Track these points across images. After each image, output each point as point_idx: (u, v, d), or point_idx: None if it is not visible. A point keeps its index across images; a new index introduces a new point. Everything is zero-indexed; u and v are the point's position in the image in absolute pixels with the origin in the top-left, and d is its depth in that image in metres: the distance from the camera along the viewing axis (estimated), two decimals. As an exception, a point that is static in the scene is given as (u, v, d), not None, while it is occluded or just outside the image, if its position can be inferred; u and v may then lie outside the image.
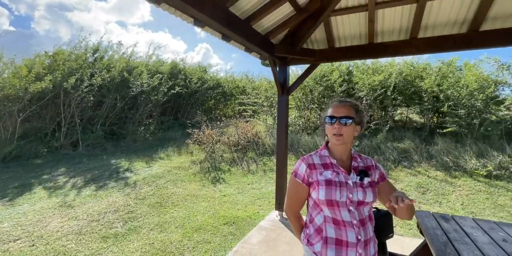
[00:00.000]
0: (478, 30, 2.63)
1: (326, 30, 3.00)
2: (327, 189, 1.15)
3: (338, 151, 1.25)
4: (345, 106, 1.22)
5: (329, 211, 1.16)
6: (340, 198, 1.13)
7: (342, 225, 1.14)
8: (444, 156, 5.69)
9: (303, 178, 1.23)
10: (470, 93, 6.43)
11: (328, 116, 1.22)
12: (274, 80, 3.29)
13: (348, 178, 1.18)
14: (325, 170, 1.21)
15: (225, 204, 4.46)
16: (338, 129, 1.18)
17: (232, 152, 7.24)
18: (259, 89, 9.15)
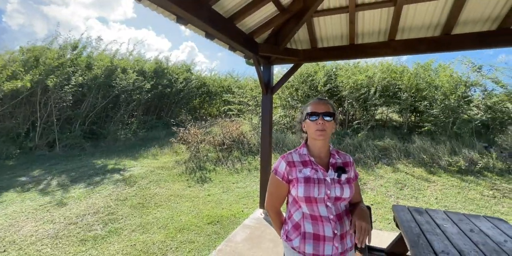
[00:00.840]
0: (450, 33, 2.78)
1: (309, 30, 3.06)
2: (306, 186, 1.18)
3: (317, 148, 1.29)
4: (325, 104, 1.27)
5: (307, 207, 1.20)
6: (318, 195, 1.17)
7: (320, 220, 1.18)
8: (421, 153, 5.97)
9: (283, 175, 1.26)
10: (444, 93, 6.79)
11: (311, 112, 1.25)
12: (258, 78, 3.31)
13: (326, 175, 1.22)
14: (304, 167, 1.24)
15: (210, 203, 4.43)
16: (322, 124, 1.22)
17: (217, 152, 7.20)
18: (245, 88, 9.15)
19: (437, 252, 1.35)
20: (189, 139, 6.99)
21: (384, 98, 7.35)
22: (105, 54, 8.99)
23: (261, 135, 3.68)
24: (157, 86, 9.53)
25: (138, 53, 10.79)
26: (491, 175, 5.20)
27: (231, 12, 2.40)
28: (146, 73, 9.70)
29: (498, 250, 1.36)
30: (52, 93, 7.37)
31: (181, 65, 11.61)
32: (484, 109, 6.67)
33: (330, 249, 1.16)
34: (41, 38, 9.95)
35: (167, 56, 11.14)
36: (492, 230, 1.63)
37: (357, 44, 3.12)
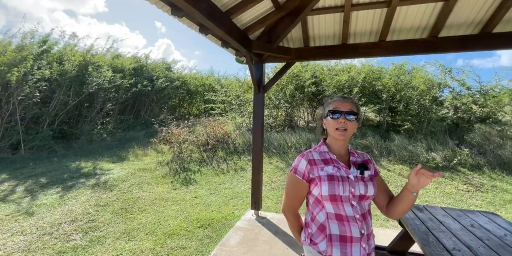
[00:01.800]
0: (437, 36, 2.89)
1: (303, 29, 3.03)
2: (330, 184, 1.13)
3: (337, 146, 1.25)
4: (348, 102, 1.22)
5: (332, 206, 1.15)
6: (343, 192, 1.12)
7: (346, 220, 1.13)
8: (402, 151, 6.24)
9: (303, 174, 1.20)
10: (419, 93, 7.16)
11: (333, 110, 1.20)
12: (250, 77, 3.22)
13: (349, 172, 1.18)
14: (326, 165, 1.19)
15: (198, 206, 4.28)
16: (343, 123, 1.17)
17: (201, 152, 7.00)
18: (229, 87, 8.99)
19: (449, 250, 1.38)
20: (171, 139, 6.72)
21: (366, 98, 7.59)
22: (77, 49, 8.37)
23: (252, 135, 3.60)
24: (136, 84, 9.06)
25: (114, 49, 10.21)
26: (464, 170, 5.57)
27: (228, 5, 2.29)
28: (124, 70, 9.19)
29: (502, 245, 1.42)
30: (15, 89, 6.70)
31: (161, 62, 11.16)
32: (454, 109, 7.14)
33: (358, 250, 1.11)
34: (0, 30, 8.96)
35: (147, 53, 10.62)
36: (489, 225, 1.71)
37: (349, 44, 3.15)
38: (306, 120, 9.24)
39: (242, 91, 8.47)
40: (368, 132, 7.68)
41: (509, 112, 7.38)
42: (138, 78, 9.37)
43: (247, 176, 5.76)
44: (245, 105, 8.37)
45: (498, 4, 2.58)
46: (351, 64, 8.83)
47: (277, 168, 6.11)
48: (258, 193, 3.73)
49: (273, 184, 5.37)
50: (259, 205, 3.76)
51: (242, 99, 8.34)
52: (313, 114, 9.29)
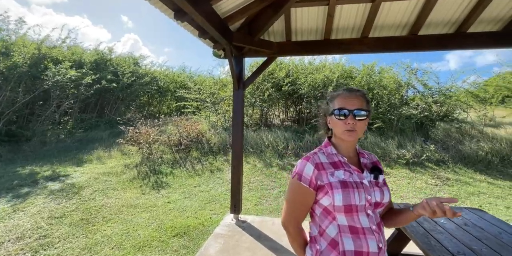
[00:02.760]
0: (417, 34, 2.91)
1: (286, 22, 2.86)
2: (344, 192, 0.96)
3: (344, 147, 1.09)
4: (357, 97, 1.04)
5: (345, 218, 0.98)
6: (360, 201, 0.97)
7: (362, 233, 0.97)
8: (375, 148, 6.42)
9: (310, 181, 1.01)
10: (389, 92, 7.47)
11: (338, 109, 1.03)
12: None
13: (362, 177, 1.02)
14: (336, 169, 1.02)
15: (171, 212, 3.93)
16: (352, 124, 1.00)
17: (174, 153, 6.58)
18: (202, 84, 8.59)
19: (454, 254, 1.31)
20: (140, 140, 6.20)
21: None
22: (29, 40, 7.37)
23: (232, 134, 3.37)
24: (99, 80, 8.25)
25: (73, 42, 9.21)
26: (431, 165, 5.88)
27: (207, -11, 2.03)
28: (85, 64, 8.32)
29: (501, 244, 1.40)
30: None
31: (128, 57, 10.33)
32: (419, 108, 7.57)
33: None
34: None
35: (111, 46, 9.69)
36: (481, 222, 1.71)
37: (332, 40, 3.06)
38: (281, 119, 9.20)
39: (217, 89, 8.15)
40: (342, 130, 7.84)
41: (466, 110, 8.03)
42: (101, 74, 8.55)
43: (224, 177, 5.51)
44: (220, 103, 8.07)
45: (474, 5, 2.64)
46: (324, 63, 8.95)
47: (254, 168, 5.94)
48: (238, 196, 3.51)
49: (251, 185, 5.19)
50: (239, 209, 3.55)
51: (216, 97, 8.02)
52: (287, 112, 9.29)
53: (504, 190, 4.94)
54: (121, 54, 10.46)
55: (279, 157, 6.49)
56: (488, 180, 5.35)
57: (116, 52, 9.93)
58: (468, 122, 7.90)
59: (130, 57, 10.37)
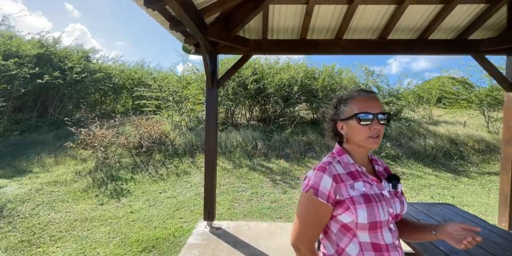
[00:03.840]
0: (386, 38, 3.04)
1: (264, 19, 2.75)
2: (369, 208, 0.86)
3: (360, 154, 0.99)
4: (376, 100, 0.95)
5: (369, 235, 0.89)
6: (384, 216, 0.88)
7: (385, 251, 0.89)
8: (339, 146, 6.72)
9: (328, 196, 0.89)
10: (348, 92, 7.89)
11: (363, 113, 0.92)
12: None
13: (382, 188, 0.94)
14: (355, 181, 0.92)
15: (136, 223, 3.55)
16: (378, 129, 0.91)
17: (134, 156, 6.01)
18: (164, 81, 8.02)
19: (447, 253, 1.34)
20: (93, 143, 5.52)
21: (304, 97, 7.91)
22: None
23: (205, 135, 3.14)
24: (41, 75, 7.11)
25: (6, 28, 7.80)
26: (388, 161, 6.37)
27: (183, -26, 1.80)
28: (22, 56, 7.10)
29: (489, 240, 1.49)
30: None
31: (76, 50, 9.12)
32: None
33: None
34: None
35: (57, 37, 8.36)
36: (457, 218, 1.82)
37: (309, 39, 3.04)
38: (247, 118, 9.11)
39: (181, 87, 7.69)
40: (307, 128, 8.07)
41: (414, 110, 8.93)
42: (44, 68, 7.39)
43: (192, 181, 5.21)
44: (184, 102, 7.64)
45: (435, 14, 2.85)
46: (288, 63, 9.11)
47: (224, 170, 5.74)
48: (211, 202, 3.30)
49: (222, 188, 4.99)
50: (213, 215, 3.35)
51: (180, 95, 7.57)
52: (251, 111, 9.23)
53: (448, 181, 5.57)
54: (69, 47, 9.21)
55: (249, 157, 6.39)
56: (435, 173, 5.99)
57: (61, 42, 8.65)
58: (415, 120, 8.78)
59: (79, 50, 9.18)
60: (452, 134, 7.76)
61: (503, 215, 3.08)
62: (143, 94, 7.99)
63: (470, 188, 5.18)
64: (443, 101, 10.53)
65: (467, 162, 6.52)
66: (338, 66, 8.93)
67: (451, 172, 6.06)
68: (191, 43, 2.74)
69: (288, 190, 4.90)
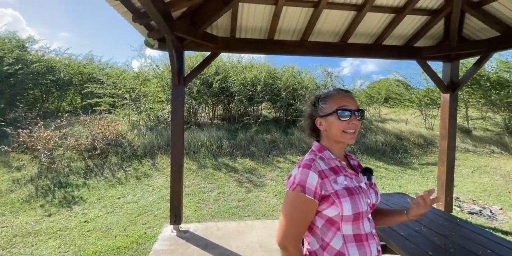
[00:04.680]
0: (346, 42, 3.26)
1: (233, 17, 2.71)
2: (352, 200, 0.92)
3: (338, 150, 1.04)
4: (353, 98, 1.02)
5: (352, 227, 0.94)
6: (364, 207, 0.95)
7: (365, 240, 0.95)
8: (301, 143, 7.01)
9: (314, 192, 0.91)
10: (311, 92, 8.29)
11: (342, 109, 0.97)
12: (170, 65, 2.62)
13: (359, 180, 1.01)
14: (336, 176, 0.97)
15: (92, 233, 3.23)
16: (355, 125, 0.98)
17: (86, 159, 5.45)
18: (119, 78, 7.40)
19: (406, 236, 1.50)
20: (36, 145, 4.85)
21: (268, 96, 8.06)
22: None
23: (171, 135, 3.00)
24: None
25: None
26: (346, 156, 6.85)
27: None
28: None
29: (429, 221, 1.70)
30: None
31: (8, 38, 7.84)
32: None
33: None
34: None
35: None
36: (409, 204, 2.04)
37: (276, 40, 3.10)
38: (210, 117, 8.94)
39: (138, 84, 7.20)
40: (271, 127, 8.25)
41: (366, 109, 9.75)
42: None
43: (154, 184, 4.93)
44: (143, 100, 7.17)
45: (388, 23, 3.15)
46: (251, 63, 9.18)
47: (189, 170, 5.55)
48: (178, 205, 3.18)
49: (187, 189, 4.82)
50: (180, 219, 3.22)
51: (138, 92, 7.08)
52: (214, 111, 9.10)
53: (396, 173, 6.22)
54: (-2, 33, 7.87)
55: (214, 157, 6.28)
56: (385, 166, 6.63)
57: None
58: (367, 118, 9.60)
59: (11, 38, 7.91)
60: (397, 130, 8.67)
61: (441, 200, 3.55)
62: (95, 91, 7.27)
63: (413, 178, 5.85)
64: (390, 101, 11.75)
65: (410, 155, 7.36)
66: (297, 67, 9.31)
67: (398, 164, 6.77)
68: (155, 37, 2.57)
69: (254, 188, 4.96)
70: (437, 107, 9.58)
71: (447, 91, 3.44)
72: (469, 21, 3.11)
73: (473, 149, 7.76)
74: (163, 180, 5.08)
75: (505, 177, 5.80)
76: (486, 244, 1.57)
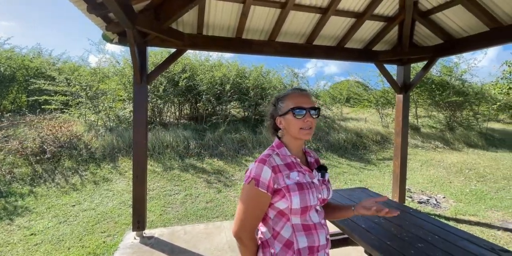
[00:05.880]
0: (311, 43, 3.37)
1: (200, 13, 2.62)
2: (301, 194, 0.99)
3: (296, 147, 1.10)
4: (308, 96, 1.08)
5: (300, 218, 1.02)
6: (313, 201, 1.02)
7: (314, 229, 1.03)
8: (269, 142, 7.08)
9: (267, 186, 0.98)
10: (278, 92, 8.45)
11: (297, 108, 1.03)
12: (132, 61, 2.46)
13: (312, 176, 1.07)
14: (290, 171, 1.03)
15: (40, 247, 2.90)
16: (310, 122, 1.03)
17: (33, 164, 4.88)
18: (73, 74, 6.74)
19: (367, 229, 1.59)
20: (-32, 151, 4.20)
21: (236, 95, 8.03)
22: None
23: (133, 136, 2.81)
24: None
25: None
26: (312, 154, 7.11)
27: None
28: None
29: None
30: None
31: None
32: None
33: None
34: None
35: None
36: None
37: (244, 39, 3.09)
38: (177, 116, 8.63)
39: (96, 81, 6.64)
40: (239, 126, 8.23)
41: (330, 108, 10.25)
42: None
43: (115, 189, 4.60)
44: (101, 98, 6.64)
45: (349, 28, 3.33)
46: (220, 61, 9.06)
47: (153, 173, 5.29)
48: (142, 210, 3.00)
49: (152, 192, 4.59)
50: (143, 224, 3.05)
51: (95, 90, 6.54)
52: (181, 110, 8.81)
53: (357, 168, 6.63)
54: None
55: (180, 158, 6.07)
56: (347, 162, 7.03)
57: None
58: (330, 117, 10.10)
59: None
60: (358, 128, 9.26)
61: (395, 192, 3.88)
62: (43, 87, 6.53)
63: (371, 173, 6.30)
64: (351, 101, 12.51)
65: (368, 151, 7.91)
66: (265, 67, 9.43)
67: (358, 160, 7.23)
68: (114, 31, 2.38)
69: (224, 188, 4.90)
70: (392, 107, 10.44)
71: (400, 92, 3.75)
72: (419, 28, 3.43)
73: (422, 145, 8.62)
74: (124, 184, 4.76)
75: (447, 169, 6.54)
76: (434, 230, 1.74)
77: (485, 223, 3.72)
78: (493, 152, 8.39)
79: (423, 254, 1.43)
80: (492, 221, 3.79)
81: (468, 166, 6.63)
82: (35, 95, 6.97)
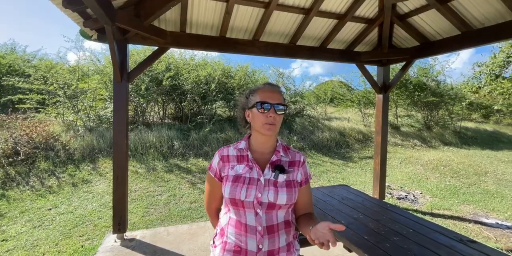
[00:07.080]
0: (295, 43, 3.41)
1: (183, 10, 2.58)
2: (233, 186, 1.02)
3: (260, 143, 1.09)
4: (277, 92, 1.07)
5: (234, 212, 1.04)
6: (246, 197, 0.99)
7: (244, 230, 1.00)
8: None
9: (215, 172, 1.10)
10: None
11: (261, 102, 1.02)
12: (111, 59, 2.38)
13: (261, 174, 1.02)
14: (238, 164, 1.06)
15: (13, 253, 2.77)
16: (273, 118, 1.01)
17: (4, 167, 4.61)
18: (50, 71, 6.43)
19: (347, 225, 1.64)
20: None
21: (222, 94, 7.98)
22: None
23: (113, 136, 2.73)
24: None
25: None
26: (297, 153, 7.20)
27: None
28: None
29: (366, 209, 1.90)
30: None
31: None
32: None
33: None
34: None
35: None
36: (350, 195, 2.26)
37: (228, 38, 3.07)
38: (161, 116, 8.46)
39: (75, 79, 6.38)
40: (225, 126, 8.19)
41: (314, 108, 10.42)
42: None
43: (95, 191, 4.45)
44: (81, 97, 6.39)
45: (333, 27, 3.40)
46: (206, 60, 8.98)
47: (136, 174, 5.16)
48: (123, 211, 2.92)
49: (134, 194, 4.48)
50: (124, 226, 2.97)
51: (75, 89, 6.28)
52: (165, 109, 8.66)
53: (340, 166, 6.79)
54: None
55: (164, 158, 5.96)
56: (330, 160, 7.18)
57: None
58: (314, 117, 10.27)
59: None
60: (341, 127, 9.48)
61: (376, 189, 4.01)
62: (17, 85, 6.19)
63: (353, 171, 6.47)
64: (335, 101, 12.78)
65: (351, 150, 8.12)
66: (251, 67, 9.45)
67: (341, 158, 7.40)
68: (92, 27, 2.29)
69: (209, 188, 4.86)
70: (373, 107, 10.77)
71: (380, 92, 3.88)
72: (397, 31, 3.56)
73: (401, 143, 8.96)
74: (105, 186, 4.61)
75: (424, 166, 6.84)
76: (408, 224, 1.83)
77: (458, 216, 3.93)
78: (466, 150, 8.87)
79: (397, 247, 1.49)
80: (464, 214, 4.01)
81: (443, 163, 6.96)
82: (8, 93, 6.60)
